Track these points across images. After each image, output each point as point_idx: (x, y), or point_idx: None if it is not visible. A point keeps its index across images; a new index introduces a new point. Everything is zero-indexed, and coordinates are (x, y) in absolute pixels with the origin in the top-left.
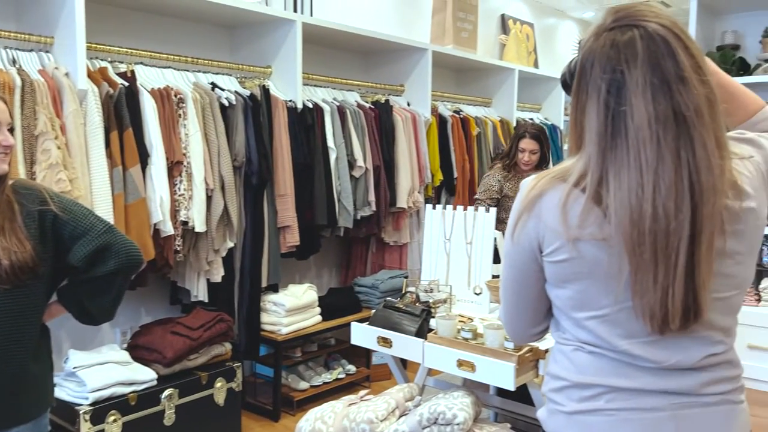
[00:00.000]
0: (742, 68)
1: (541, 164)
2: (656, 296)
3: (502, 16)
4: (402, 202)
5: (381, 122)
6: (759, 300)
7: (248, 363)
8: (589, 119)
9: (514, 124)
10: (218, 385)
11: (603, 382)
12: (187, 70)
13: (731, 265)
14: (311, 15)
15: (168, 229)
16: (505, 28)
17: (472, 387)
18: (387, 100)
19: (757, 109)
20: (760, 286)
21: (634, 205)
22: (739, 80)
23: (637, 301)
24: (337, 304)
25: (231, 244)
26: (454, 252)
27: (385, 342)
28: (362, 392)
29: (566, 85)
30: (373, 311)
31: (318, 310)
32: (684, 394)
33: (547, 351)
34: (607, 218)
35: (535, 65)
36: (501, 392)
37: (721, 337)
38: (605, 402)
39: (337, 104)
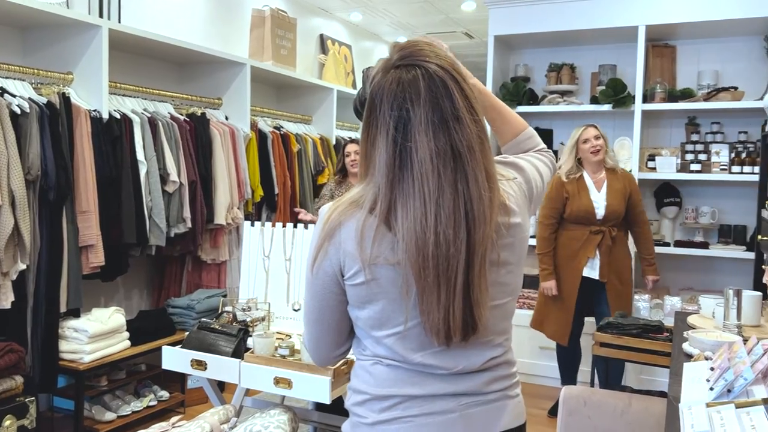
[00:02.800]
0: (531, 98)
1: None
2: (440, 314)
3: (321, 36)
4: (220, 218)
5: (197, 135)
6: None
7: (45, 396)
8: (378, 152)
9: (334, 142)
10: (7, 423)
11: (399, 393)
12: None
13: (504, 274)
14: (119, 21)
15: None
16: (324, 48)
17: (293, 403)
18: (204, 113)
19: (522, 129)
20: None
21: (419, 233)
22: (528, 109)
23: (425, 319)
24: (148, 327)
25: (23, 266)
26: (273, 269)
27: (200, 365)
28: (174, 418)
29: (358, 112)
30: (187, 333)
31: (126, 334)
32: (470, 394)
33: None
34: (397, 244)
35: (353, 86)
36: (320, 406)
37: (500, 341)
38: (402, 410)
39: (148, 115)
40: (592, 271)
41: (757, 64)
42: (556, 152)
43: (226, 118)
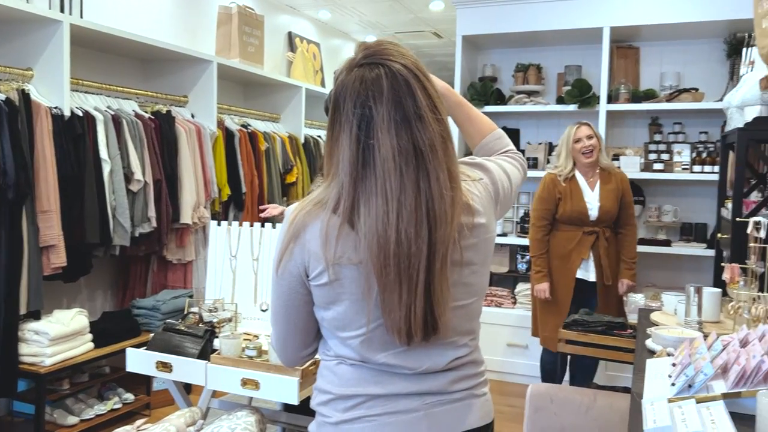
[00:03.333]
0: (499, 98)
1: None
2: (401, 313)
3: (289, 33)
4: (186, 217)
5: (162, 134)
6: (515, 303)
7: (4, 401)
8: (342, 150)
9: (303, 141)
10: None
11: (363, 392)
12: None
13: (468, 274)
14: (81, 16)
15: None
16: (292, 46)
17: (261, 405)
18: (169, 111)
19: (491, 130)
20: (516, 290)
21: (380, 231)
22: (495, 109)
23: (386, 317)
24: (113, 329)
25: None
26: (240, 269)
27: (165, 366)
28: (139, 421)
29: (328, 111)
30: (152, 335)
31: (89, 336)
32: (435, 393)
33: None
34: (359, 243)
35: (322, 84)
36: (288, 407)
37: (466, 341)
38: (366, 409)
39: (112, 113)
40: (585, 272)
41: (716, 66)
42: (523, 151)
43: (192, 116)
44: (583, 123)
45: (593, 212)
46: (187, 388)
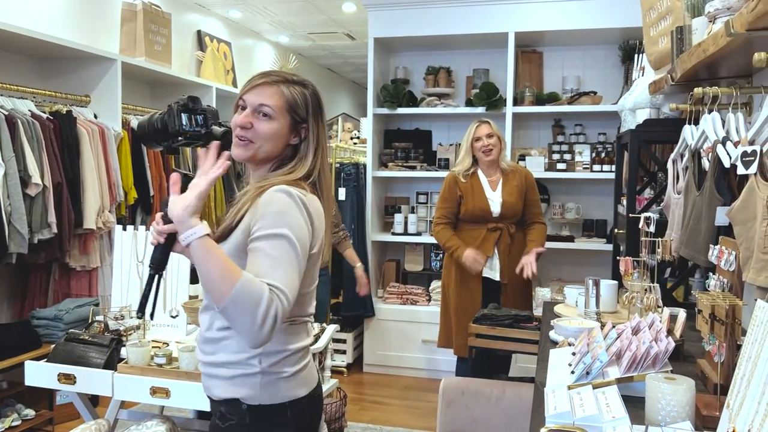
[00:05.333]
0: (411, 100)
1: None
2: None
3: (199, 32)
4: (90, 222)
5: (62, 135)
6: (429, 300)
7: None
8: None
9: None
10: None
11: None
12: None
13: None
14: None
15: None
16: (201, 45)
17: (175, 413)
18: (69, 111)
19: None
20: (430, 288)
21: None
22: (407, 111)
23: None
24: (10, 341)
25: None
26: (148, 275)
27: (68, 378)
28: None
29: (148, 136)
30: (53, 346)
31: None
32: None
33: None
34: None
35: (234, 84)
36: (203, 414)
37: None
38: (308, 359)
39: (6, 113)
40: (492, 271)
41: (612, 71)
42: (435, 152)
43: (95, 117)
44: (483, 121)
45: (495, 208)
46: (95, 401)
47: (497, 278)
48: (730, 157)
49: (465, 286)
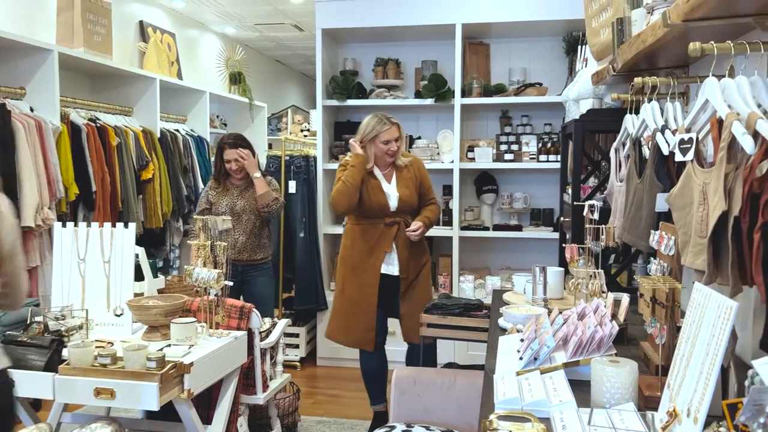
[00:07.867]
0: (360, 92)
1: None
2: None
3: (141, 22)
4: (27, 220)
5: None
6: None
7: None
8: None
9: (159, 135)
10: None
11: None
12: None
13: None
14: None
15: None
16: (144, 36)
17: (122, 414)
18: (3, 104)
19: None
20: None
21: None
22: (357, 102)
23: None
24: None
25: None
26: (90, 273)
27: None
28: None
29: None
30: None
31: None
32: None
33: (191, 364)
34: None
35: (179, 76)
36: (151, 414)
37: None
38: None
39: None
40: (390, 267)
41: (557, 62)
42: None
43: (32, 110)
44: (394, 123)
45: (393, 202)
46: (37, 405)
47: (396, 273)
48: (669, 145)
49: (361, 281)
